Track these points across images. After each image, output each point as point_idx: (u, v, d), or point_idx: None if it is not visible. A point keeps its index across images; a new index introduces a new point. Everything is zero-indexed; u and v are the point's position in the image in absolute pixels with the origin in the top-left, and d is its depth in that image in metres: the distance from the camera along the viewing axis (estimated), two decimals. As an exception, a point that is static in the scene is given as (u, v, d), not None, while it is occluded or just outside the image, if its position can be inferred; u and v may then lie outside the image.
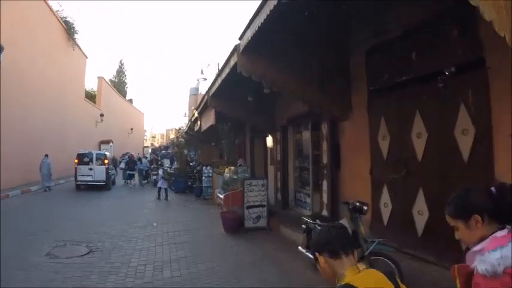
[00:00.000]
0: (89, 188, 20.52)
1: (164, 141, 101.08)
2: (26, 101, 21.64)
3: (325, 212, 9.24)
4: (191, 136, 28.39)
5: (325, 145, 9.31)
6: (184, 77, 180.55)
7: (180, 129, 26.75)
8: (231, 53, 8.12)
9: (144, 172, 25.50)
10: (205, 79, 21.64)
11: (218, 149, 22.83)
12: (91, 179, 20.62)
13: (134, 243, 9.05)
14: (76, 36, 31.07)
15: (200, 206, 15.35)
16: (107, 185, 21.30)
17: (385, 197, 7.36)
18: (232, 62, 8.08)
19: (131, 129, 56.15)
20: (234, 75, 8.65)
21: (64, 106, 28.95)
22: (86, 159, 20.76)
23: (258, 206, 10.44)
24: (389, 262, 5.57)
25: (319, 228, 6.60)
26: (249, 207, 10.34)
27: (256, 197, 10.46)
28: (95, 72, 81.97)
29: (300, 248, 7.19)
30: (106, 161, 21.54)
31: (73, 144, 30.00)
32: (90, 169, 20.61)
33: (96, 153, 22.04)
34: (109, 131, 42.70)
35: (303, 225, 7.17)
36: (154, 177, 23.68)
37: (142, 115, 70.96)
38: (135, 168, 25.17)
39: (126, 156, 29.54)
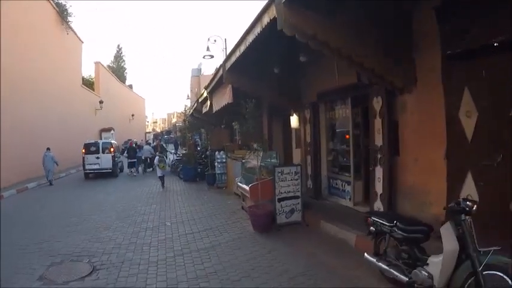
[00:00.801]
0: (96, 176, 21.27)
1: (166, 126, 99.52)
2: (19, 92, 19.79)
3: (379, 205, 7.51)
4: (197, 119, 26.53)
5: (378, 123, 7.49)
6: (185, 59, 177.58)
7: (185, 111, 24.67)
8: (265, 6, 6.17)
9: (148, 160, 23.79)
10: (211, 56, 19.66)
11: (229, 132, 20.95)
12: (98, 167, 21.28)
13: (147, 254, 7.19)
14: (70, 19, 28.91)
15: (216, 196, 13.51)
16: (113, 173, 21.83)
17: (469, 188, 5.61)
18: (266, 20, 6.16)
19: (132, 115, 54.18)
20: (262, 40, 6.93)
21: (61, 94, 27.04)
22: (93, 149, 21.38)
23: (291, 198, 8.65)
24: (506, 278, 3.90)
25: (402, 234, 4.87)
26: (281, 199, 8.55)
27: (289, 187, 8.65)
28: (92, 58, 79.64)
29: (367, 256, 5.41)
30: (112, 149, 21.93)
31: (73, 134, 28.40)
32: (97, 158, 21.18)
33: (103, 142, 22.45)
34: (109, 118, 40.79)
35: (371, 228, 5.36)
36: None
37: (143, 100, 68.92)
38: (136, 157, 23.48)
39: (128, 144, 28.08)
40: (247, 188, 9.44)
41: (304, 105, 10.99)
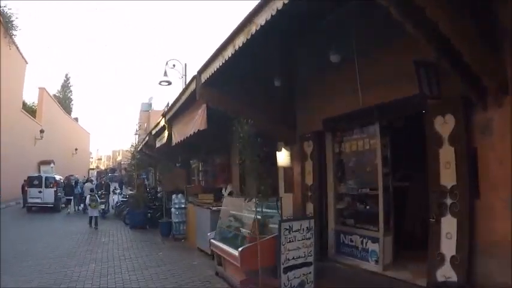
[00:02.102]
0: (39, 210, 20.56)
1: (111, 163, 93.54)
2: None
3: (447, 272, 4.93)
4: (146, 155, 23.22)
5: (446, 154, 4.99)
6: (135, 92, 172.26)
7: (134, 145, 21.27)
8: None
9: (85, 198, 20.20)
10: (169, 83, 16.68)
11: (186, 172, 17.80)
12: (40, 201, 20.76)
13: None
14: (15, 33, 25.29)
15: (175, 253, 10.26)
16: (56, 207, 21.20)
17: None
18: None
19: (76, 149, 49.31)
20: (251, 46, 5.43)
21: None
22: (36, 182, 21.04)
23: (301, 266, 5.83)
24: None
25: None
26: (288, 268, 5.68)
27: (299, 251, 5.87)
28: (36, 83, 74.35)
29: None
30: (55, 184, 21.66)
31: (8, 163, 24.08)
32: (40, 192, 20.79)
33: (46, 177, 21.95)
34: (50, 150, 36.18)
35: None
36: (103, 206, 18.29)
37: (88, 135, 63.91)
38: (73, 194, 21.39)
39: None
40: (234, 252, 6.36)
41: (302, 136, 8.38)
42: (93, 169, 66.34)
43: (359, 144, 7.32)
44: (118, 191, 22.14)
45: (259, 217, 6.16)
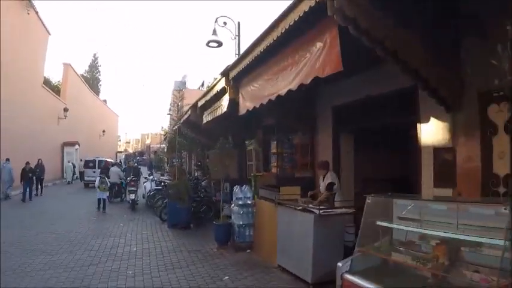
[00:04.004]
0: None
1: (139, 147, 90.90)
2: None
3: None
4: (183, 136, 19.42)
5: None
6: (165, 76, 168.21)
7: (173, 123, 17.29)
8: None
9: (116, 186, 16.61)
10: (219, 44, 12.68)
11: (237, 155, 13.55)
12: (94, 179, 20.40)
13: None
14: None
15: (247, 276, 6.48)
16: None
17: None
18: None
19: (103, 131, 46.23)
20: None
21: (13, 93, 19.68)
22: (91, 164, 26.25)
23: None
24: None
25: None
26: None
27: None
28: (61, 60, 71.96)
29: None
30: (107, 164, 23.09)
31: (27, 145, 21.01)
32: (94, 172, 24.36)
33: (99, 160, 26.54)
34: (75, 131, 33.03)
35: None
36: (133, 195, 14.63)
37: (116, 117, 60.94)
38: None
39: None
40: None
41: (485, 94, 4.47)
42: (121, 152, 63.88)
43: None
44: (151, 177, 18.38)
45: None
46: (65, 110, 29.76)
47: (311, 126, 8.83)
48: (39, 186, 19.53)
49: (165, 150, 32.97)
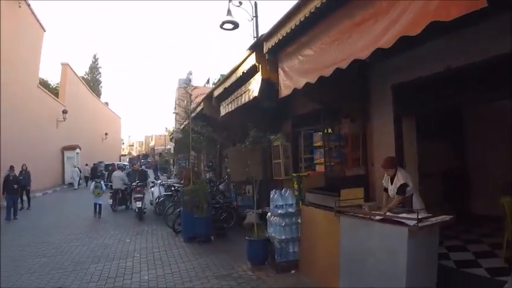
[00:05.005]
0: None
1: (143, 149, 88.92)
2: None
3: None
4: (195, 132, 17.39)
5: None
6: (168, 77, 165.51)
7: (182, 120, 15.20)
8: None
9: (119, 192, 14.63)
10: (235, 25, 10.78)
11: (260, 153, 11.47)
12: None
13: None
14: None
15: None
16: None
17: None
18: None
19: (106, 134, 44.36)
20: None
21: (4, 95, 17.81)
22: (110, 168, 26.11)
23: None
24: None
25: None
26: None
27: None
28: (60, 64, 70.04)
29: None
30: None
31: (23, 151, 19.08)
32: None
33: (117, 164, 28.99)
34: (76, 135, 31.14)
35: None
36: (139, 203, 12.65)
37: (118, 119, 59.03)
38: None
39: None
40: None
41: None
42: (124, 155, 62.17)
43: None
44: (159, 181, 16.37)
45: None
46: (64, 112, 27.87)
47: (363, 111, 6.91)
48: (26, 198, 16.13)
49: (171, 151, 31.17)
